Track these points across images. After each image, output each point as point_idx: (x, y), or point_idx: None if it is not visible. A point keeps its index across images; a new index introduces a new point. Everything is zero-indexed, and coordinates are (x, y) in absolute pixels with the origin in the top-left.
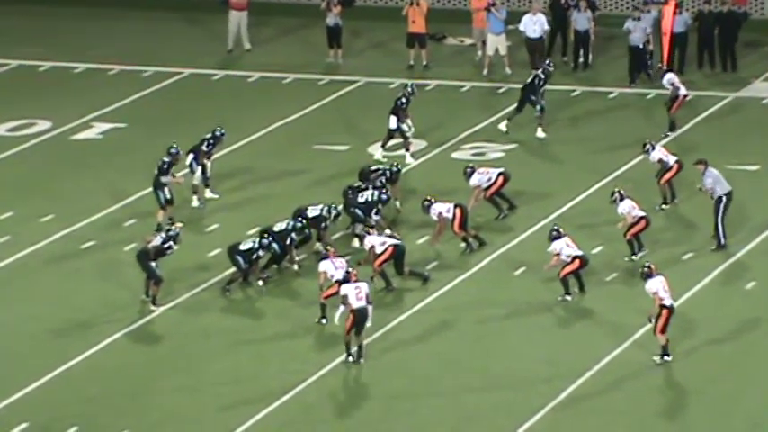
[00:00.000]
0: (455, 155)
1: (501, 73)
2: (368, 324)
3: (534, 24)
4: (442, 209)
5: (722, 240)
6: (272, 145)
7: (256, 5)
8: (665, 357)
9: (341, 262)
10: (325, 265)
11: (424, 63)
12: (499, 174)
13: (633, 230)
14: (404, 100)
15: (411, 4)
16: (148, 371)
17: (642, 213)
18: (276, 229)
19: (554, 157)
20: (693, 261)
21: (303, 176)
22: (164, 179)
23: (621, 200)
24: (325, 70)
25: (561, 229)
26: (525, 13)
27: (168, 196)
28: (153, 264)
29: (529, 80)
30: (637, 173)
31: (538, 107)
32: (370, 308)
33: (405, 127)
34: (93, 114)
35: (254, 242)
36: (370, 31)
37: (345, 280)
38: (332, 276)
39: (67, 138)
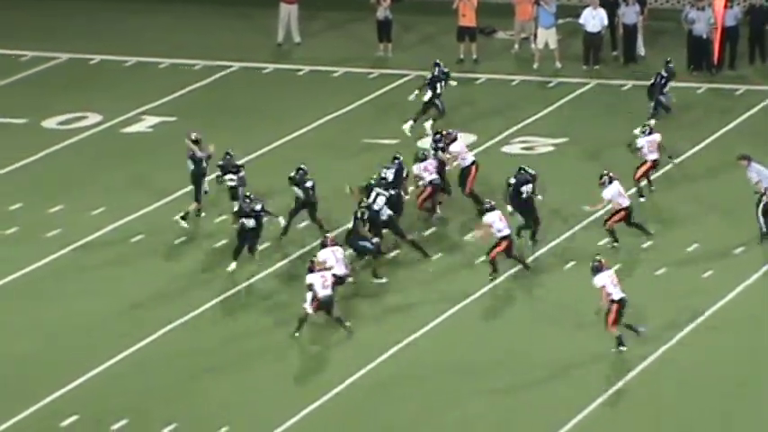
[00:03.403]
0: (505, 149)
1: (551, 67)
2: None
3: (594, 19)
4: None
5: (764, 228)
6: (322, 138)
7: None
8: (621, 347)
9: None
10: (311, 278)
11: (474, 57)
12: (473, 161)
13: (614, 219)
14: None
15: None
16: (197, 362)
17: (627, 203)
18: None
19: (603, 151)
20: (743, 255)
21: (353, 170)
22: (224, 178)
23: (610, 182)
24: (375, 64)
25: (493, 203)
26: (579, 7)
27: (207, 189)
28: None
29: (652, 80)
30: (677, 170)
31: (651, 104)
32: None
33: (438, 102)
34: (144, 107)
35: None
36: (420, 25)
37: (310, 269)
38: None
39: (118, 131)
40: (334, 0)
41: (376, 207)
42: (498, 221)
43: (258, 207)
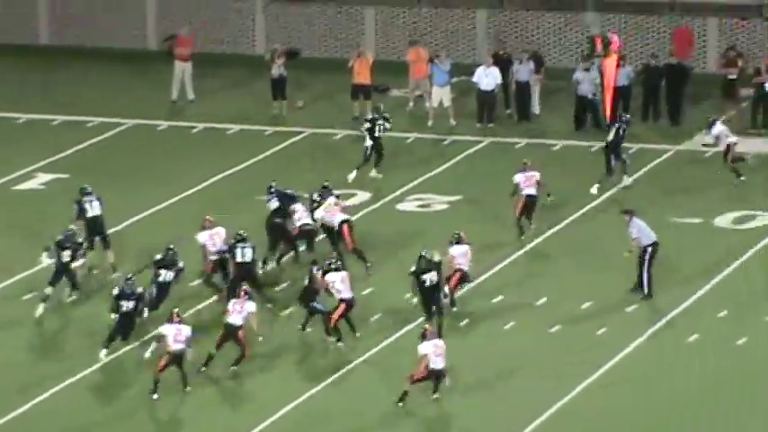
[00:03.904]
0: (400, 206)
1: (446, 125)
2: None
3: (487, 77)
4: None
5: (646, 289)
6: (216, 196)
7: (201, 56)
8: (401, 402)
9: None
10: (166, 329)
11: (368, 116)
12: (342, 221)
13: (452, 282)
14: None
15: (360, 56)
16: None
17: (465, 267)
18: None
19: (497, 209)
20: (633, 315)
21: (246, 227)
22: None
23: (458, 243)
24: (270, 122)
25: (339, 264)
26: (472, 65)
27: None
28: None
29: (611, 137)
30: (570, 231)
31: (623, 157)
32: (189, 351)
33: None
34: (37, 165)
35: None
36: (315, 83)
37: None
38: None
39: (9, 188)
40: (228, 58)
41: (247, 259)
42: (339, 283)
43: (139, 290)
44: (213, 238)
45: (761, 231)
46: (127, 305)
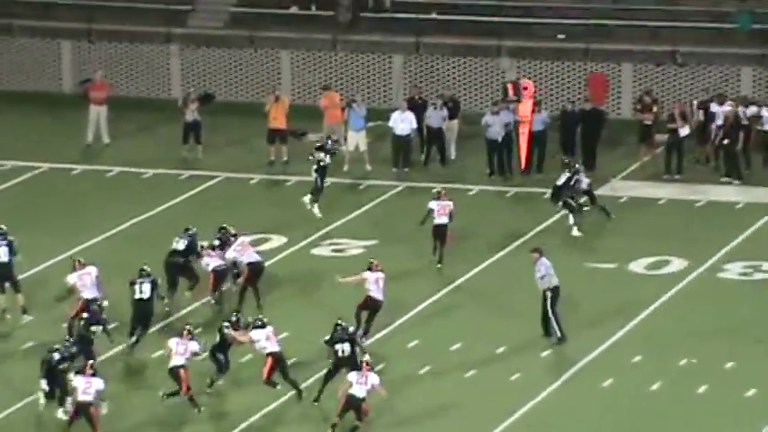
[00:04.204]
0: (315, 251)
1: (361, 169)
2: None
3: (402, 122)
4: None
5: (558, 332)
6: (130, 239)
7: (116, 100)
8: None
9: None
10: (76, 381)
11: (285, 159)
12: (249, 264)
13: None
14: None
15: (276, 100)
16: None
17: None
18: None
19: (412, 253)
20: (547, 359)
21: (160, 272)
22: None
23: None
24: (185, 165)
25: (265, 320)
26: (388, 110)
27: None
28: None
29: (562, 181)
30: (486, 275)
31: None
32: (103, 404)
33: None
34: None
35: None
36: (230, 127)
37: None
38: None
39: None
40: (143, 102)
41: (144, 296)
42: (264, 341)
43: (74, 350)
44: (83, 279)
45: (674, 277)
46: (64, 366)
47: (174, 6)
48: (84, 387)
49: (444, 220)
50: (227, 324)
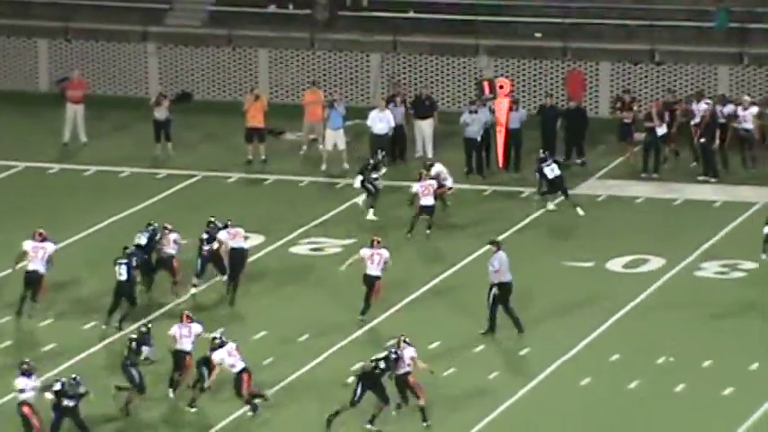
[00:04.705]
0: (293, 249)
1: (339, 168)
2: None
3: (381, 121)
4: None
5: (488, 323)
6: (109, 239)
7: (93, 99)
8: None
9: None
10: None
11: (263, 158)
12: (232, 249)
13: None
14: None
15: (256, 98)
16: None
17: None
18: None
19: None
20: (525, 358)
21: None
22: None
23: None
24: (162, 164)
25: (224, 338)
26: (366, 108)
27: None
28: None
29: (552, 176)
30: (467, 273)
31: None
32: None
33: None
34: None
35: None
36: (207, 125)
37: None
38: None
39: None
40: (120, 100)
41: (121, 278)
42: (228, 357)
43: (82, 390)
44: (36, 251)
45: (652, 275)
46: (67, 402)
47: (151, 5)
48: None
49: (429, 201)
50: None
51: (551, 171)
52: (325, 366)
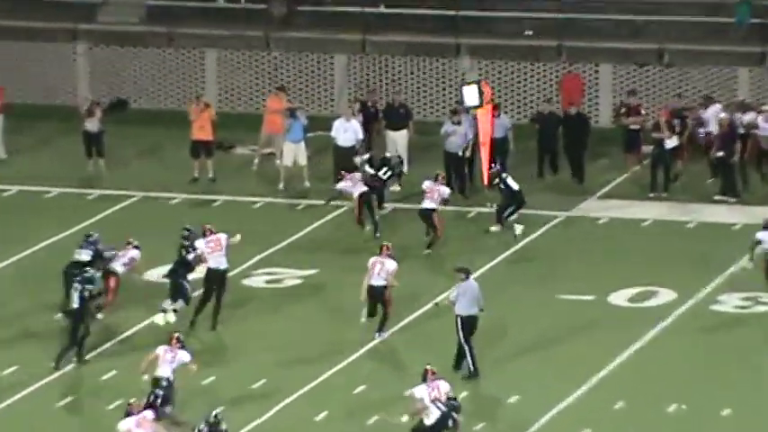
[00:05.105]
0: (246, 282)
1: (300, 187)
2: None
3: (346, 132)
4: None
5: (471, 366)
6: (35, 266)
7: (14, 108)
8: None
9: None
10: None
11: (211, 175)
12: (208, 269)
13: None
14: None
15: (204, 107)
16: None
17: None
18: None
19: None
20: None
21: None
22: None
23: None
24: (93, 183)
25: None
26: (330, 118)
27: None
28: None
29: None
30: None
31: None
32: None
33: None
34: None
35: None
36: (146, 138)
37: None
38: None
39: None
40: (45, 110)
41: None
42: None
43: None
44: None
45: (661, 310)
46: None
47: None
48: None
49: (430, 204)
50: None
51: (514, 182)
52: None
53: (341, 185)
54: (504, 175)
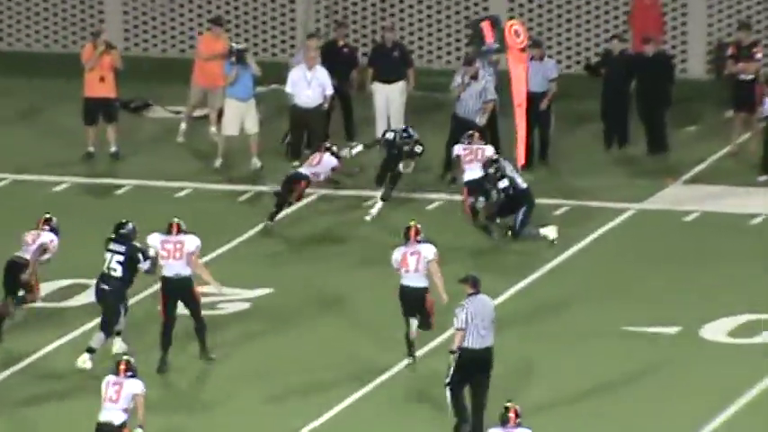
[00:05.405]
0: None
1: (246, 166)
2: None
3: (309, 86)
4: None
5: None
6: None
7: None
8: None
9: None
10: None
11: (113, 149)
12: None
13: None
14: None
15: (107, 48)
16: None
17: None
18: None
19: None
20: None
21: None
22: None
23: None
24: None
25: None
26: (284, 67)
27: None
28: None
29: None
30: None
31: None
32: None
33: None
34: None
35: None
36: (18, 96)
37: None
38: None
39: None
40: None
41: None
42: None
43: None
44: None
45: None
46: None
47: None
48: None
49: (476, 173)
50: None
51: (519, 175)
52: None
53: (306, 170)
54: (503, 163)
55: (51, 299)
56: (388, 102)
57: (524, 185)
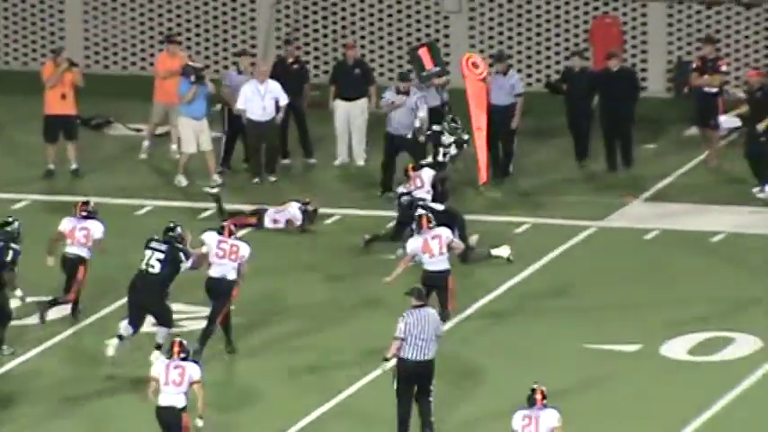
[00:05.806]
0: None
1: (206, 184)
2: None
3: (262, 99)
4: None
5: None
6: None
7: None
8: None
9: None
10: None
11: (74, 166)
12: None
13: None
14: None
15: (69, 65)
16: None
17: None
18: None
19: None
20: None
21: None
22: None
23: None
24: None
25: None
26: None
27: None
28: None
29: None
30: None
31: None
32: None
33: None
34: None
35: None
36: None
37: None
38: None
39: None
40: None
41: None
42: None
43: None
44: None
45: (740, 366)
46: None
47: None
48: None
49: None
50: None
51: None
52: None
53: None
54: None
55: (17, 316)
56: (350, 119)
57: (441, 207)
